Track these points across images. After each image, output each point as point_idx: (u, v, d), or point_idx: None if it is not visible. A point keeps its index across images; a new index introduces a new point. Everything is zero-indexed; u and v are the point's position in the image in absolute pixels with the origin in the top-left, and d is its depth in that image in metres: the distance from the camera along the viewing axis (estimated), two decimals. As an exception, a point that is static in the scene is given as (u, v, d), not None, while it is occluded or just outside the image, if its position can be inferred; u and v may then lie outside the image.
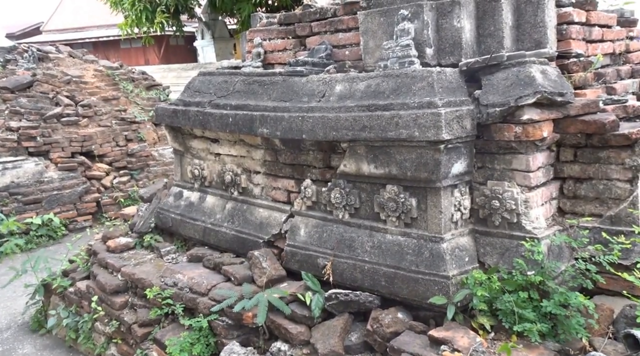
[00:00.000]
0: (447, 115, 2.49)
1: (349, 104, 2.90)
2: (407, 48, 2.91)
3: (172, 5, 14.08)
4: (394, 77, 2.83)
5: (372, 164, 2.84)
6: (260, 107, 3.38)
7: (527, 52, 2.74)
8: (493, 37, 2.97)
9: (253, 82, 3.60)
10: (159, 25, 14.50)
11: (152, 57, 26.29)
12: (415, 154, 2.63)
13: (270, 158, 3.50)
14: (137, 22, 14.78)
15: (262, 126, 3.31)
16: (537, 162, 2.62)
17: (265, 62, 3.99)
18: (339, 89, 3.06)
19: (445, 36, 2.98)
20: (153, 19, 14.38)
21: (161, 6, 14.16)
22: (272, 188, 3.55)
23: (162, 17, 14.25)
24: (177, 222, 4.04)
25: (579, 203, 2.73)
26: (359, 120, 2.79)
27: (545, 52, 2.78)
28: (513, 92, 2.55)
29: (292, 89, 3.32)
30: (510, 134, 2.55)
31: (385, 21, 3.13)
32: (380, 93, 2.83)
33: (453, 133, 2.51)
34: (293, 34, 3.79)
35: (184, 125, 3.90)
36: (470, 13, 2.97)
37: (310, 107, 3.09)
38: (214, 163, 3.93)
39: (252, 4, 12.76)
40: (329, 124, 2.93)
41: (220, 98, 3.73)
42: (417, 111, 2.57)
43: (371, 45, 3.24)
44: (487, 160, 2.72)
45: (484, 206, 2.71)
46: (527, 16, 2.97)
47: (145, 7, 14.22)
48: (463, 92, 2.72)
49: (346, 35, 3.46)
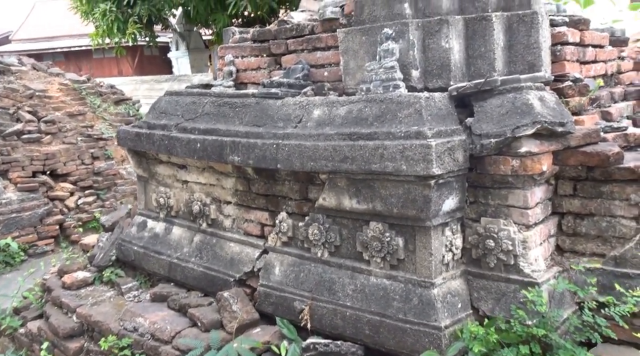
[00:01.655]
0: (438, 147, 2.23)
1: (328, 132, 2.63)
2: (391, 70, 2.66)
3: (145, 16, 13.68)
4: (377, 102, 2.57)
5: (354, 199, 2.57)
6: (231, 132, 3.08)
7: (522, 76, 2.52)
8: (484, 59, 2.74)
9: (224, 104, 3.30)
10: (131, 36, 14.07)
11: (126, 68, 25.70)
12: (402, 189, 2.36)
13: (242, 188, 3.20)
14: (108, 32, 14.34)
15: (233, 153, 3.01)
16: (535, 197, 2.38)
17: (237, 81, 3.70)
18: (318, 114, 2.78)
19: (433, 57, 2.74)
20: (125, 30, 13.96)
21: (133, 17, 13.75)
22: (244, 221, 3.24)
23: (134, 28, 13.82)
24: (140, 255, 3.69)
25: (580, 242, 2.49)
26: (340, 150, 2.51)
27: (541, 76, 2.56)
28: (509, 121, 2.32)
29: (266, 113, 3.04)
30: (507, 168, 2.30)
31: (368, 40, 2.88)
32: (363, 120, 2.57)
33: (444, 167, 2.26)
34: (267, 52, 3.52)
35: (148, 149, 3.57)
36: (459, 32, 2.74)
37: (286, 133, 2.80)
38: (181, 192, 3.60)
39: (227, 16, 12.46)
40: (306, 154, 2.65)
41: (188, 121, 3.42)
42: (404, 142, 2.31)
43: (352, 65, 2.98)
44: (480, 195, 2.47)
45: (477, 245, 2.45)
46: (519, 36, 2.76)
47: (116, 17, 13.78)
48: (453, 119, 2.48)
49: (325, 54, 3.20)
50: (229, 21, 12.91)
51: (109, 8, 13.43)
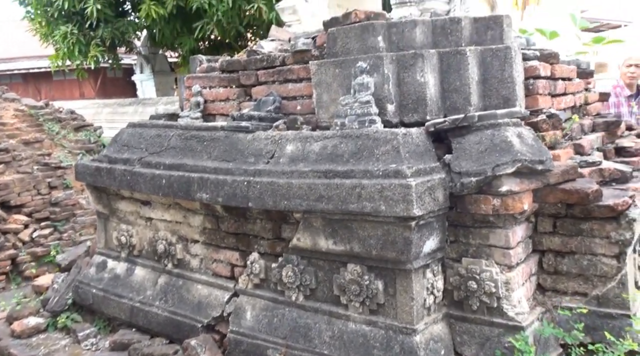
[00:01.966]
0: (418, 186, 2.14)
1: (302, 168, 2.51)
2: (367, 105, 2.58)
3: (108, 39, 13.38)
4: (353, 138, 2.48)
5: (330, 239, 2.44)
6: (199, 168, 2.93)
7: (499, 112, 2.48)
8: (459, 93, 2.70)
9: (191, 138, 3.14)
10: (93, 58, 13.72)
11: (88, 90, 25.05)
12: (382, 231, 2.26)
13: (211, 226, 3.03)
14: (69, 55, 13.94)
15: (200, 190, 2.85)
16: (517, 236, 2.32)
17: (205, 113, 3.55)
18: (291, 150, 2.67)
19: (408, 91, 2.68)
20: (87, 52, 13.60)
21: (96, 39, 13.42)
22: (212, 261, 3.06)
23: (96, 51, 13.48)
24: (99, 298, 3.44)
25: (561, 280, 2.44)
26: (315, 188, 2.40)
27: (517, 112, 2.53)
28: (489, 159, 2.26)
29: (236, 147, 2.90)
30: (488, 207, 2.23)
31: (341, 73, 2.80)
32: (339, 157, 2.46)
33: (425, 207, 2.17)
34: (237, 83, 3.40)
35: (108, 185, 3.36)
36: (434, 66, 2.70)
37: (258, 170, 2.67)
38: (144, 229, 3.40)
39: (193, 39, 12.32)
40: (279, 192, 2.52)
41: (153, 155, 3.24)
42: (382, 181, 2.21)
43: (325, 98, 2.89)
44: (460, 234, 2.39)
45: (459, 287, 2.36)
46: (493, 71, 2.73)
47: (78, 40, 13.43)
48: (431, 156, 2.40)
49: (297, 86, 3.10)
50: (195, 44, 12.77)
51: (70, 30, 13.09)
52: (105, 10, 12.02)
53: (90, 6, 11.66)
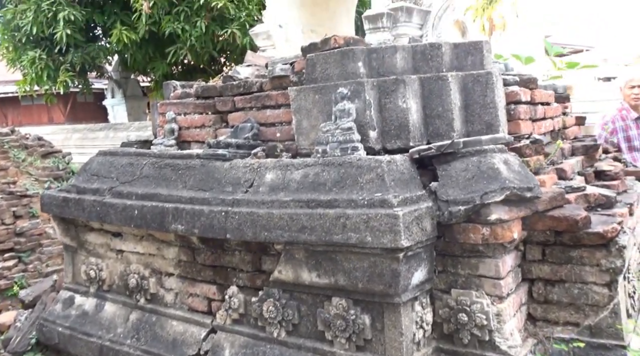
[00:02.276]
0: (406, 216, 2.06)
1: (283, 198, 2.41)
2: (349, 131, 2.50)
3: (77, 64, 13.12)
4: (335, 166, 2.39)
5: (314, 272, 2.33)
6: (173, 198, 2.79)
7: (484, 138, 2.44)
8: (441, 119, 2.65)
9: (165, 166, 3.01)
10: (63, 83, 13.41)
11: (57, 115, 24.48)
12: (368, 263, 2.16)
13: (186, 258, 2.88)
14: (37, 80, 13.61)
15: (175, 221, 2.71)
16: (507, 266, 2.25)
17: (180, 140, 3.43)
18: (270, 178, 2.56)
19: (390, 117, 2.63)
20: (56, 78, 13.30)
21: (65, 64, 13.15)
22: (188, 295, 2.90)
23: (66, 76, 13.19)
24: (65, 337, 3.22)
25: (552, 310, 2.37)
26: (297, 219, 2.29)
27: (501, 138, 2.49)
28: (476, 186, 2.20)
29: (212, 176, 2.78)
30: (477, 236, 2.16)
31: (321, 99, 2.73)
32: (321, 186, 2.37)
33: (413, 238, 2.08)
34: (213, 109, 3.29)
35: (77, 217, 3.19)
36: (415, 92, 2.65)
37: (236, 199, 2.55)
38: (115, 263, 3.22)
39: (166, 64, 12.18)
40: (259, 223, 2.40)
41: (124, 184, 3.09)
42: (368, 211, 2.12)
43: (305, 125, 2.81)
44: (449, 264, 2.31)
45: (449, 320, 2.27)
46: (475, 96, 2.70)
47: (47, 64, 13.14)
48: (417, 184, 2.33)
49: (275, 113, 3.02)
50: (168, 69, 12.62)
51: (39, 56, 12.81)
52: (75, 35, 11.81)
53: (59, 31, 11.45)
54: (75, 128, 16.93)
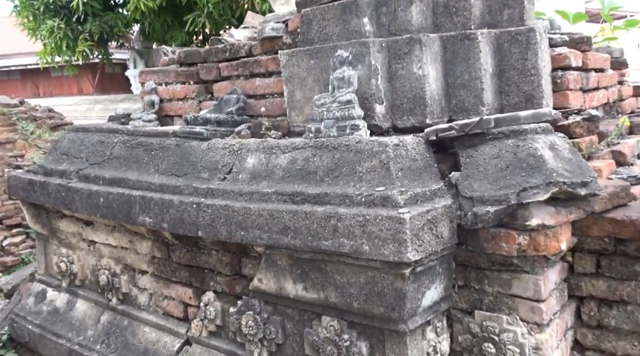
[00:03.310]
0: (415, 220, 1.54)
1: (264, 189, 1.92)
2: (348, 106, 1.98)
3: (96, 33, 12.76)
4: (330, 149, 1.88)
5: (299, 283, 1.85)
6: (142, 184, 2.34)
7: (522, 114, 1.87)
8: (468, 89, 2.09)
9: (137, 146, 2.56)
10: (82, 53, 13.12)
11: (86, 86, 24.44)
12: (365, 278, 1.67)
13: (161, 255, 2.45)
14: (56, 50, 13.37)
15: (143, 213, 2.27)
16: (550, 283, 1.72)
17: (161, 114, 2.96)
18: (252, 163, 2.08)
19: (402, 87, 2.08)
20: (75, 47, 13.02)
21: (84, 34, 12.81)
22: (163, 298, 2.48)
23: (84, 46, 12.87)
24: (35, 336, 2.87)
25: (608, 338, 1.83)
26: (278, 217, 1.81)
27: (546, 114, 1.92)
28: (512, 179, 1.65)
29: (187, 159, 2.31)
30: (512, 247, 1.63)
31: (317, 65, 2.20)
32: (311, 175, 1.87)
33: (424, 248, 1.57)
34: (196, 78, 2.80)
35: (43, 202, 2.79)
36: (435, 55, 2.09)
37: (210, 189, 2.08)
38: (87, 255, 2.82)
39: (185, 33, 11.69)
40: (235, 219, 1.93)
41: (93, 166, 2.66)
42: (366, 211, 1.62)
43: (298, 97, 2.29)
44: (472, 278, 1.79)
45: (471, 350, 1.77)
46: (512, 60, 2.12)
47: (65, 34, 12.83)
48: (433, 174, 1.80)
49: (265, 82, 2.50)
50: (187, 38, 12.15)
51: (57, 25, 12.49)
52: (92, 3, 11.41)
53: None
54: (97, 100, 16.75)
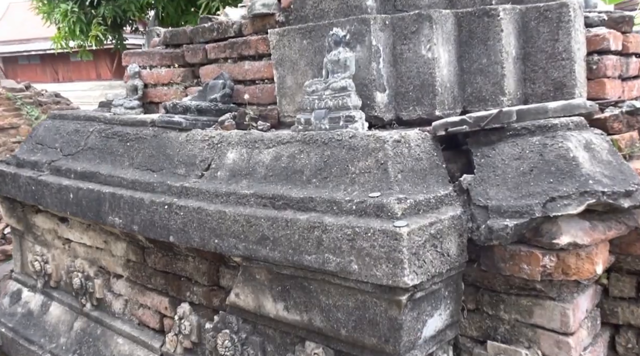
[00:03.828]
0: (414, 236, 1.25)
1: (242, 191, 1.64)
2: (342, 93, 1.68)
3: (109, 17, 12.56)
4: (319, 145, 1.60)
5: (280, 302, 1.58)
6: (114, 180, 2.09)
7: (551, 105, 1.56)
8: (486, 75, 1.78)
9: (112, 135, 2.30)
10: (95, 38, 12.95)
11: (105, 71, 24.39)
12: (354, 302, 1.38)
13: (136, 258, 2.20)
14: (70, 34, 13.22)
15: (113, 212, 2.01)
16: (580, 312, 1.41)
17: (146, 100, 2.69)
18: (233, 159, 1.80)
19: (409, 73, 1.77)
20: (88, 32, 12.85)
21: (97, 18, 12.62)
22: (138, 306, 2.24)
23: (97, 30, 12.68)
24: (8, 340, 2.66)
25: (647, 376, 1.53)
26: (256, 224, 1.53)
27: (579, 105, 1.60)
28: (537, 186, 1.35)
29: (164, 152, 2.05)
30: (535, 270, 1.33)
31: (311, 46, 1.90)
32: (296, 175, 1.59)
33: (425, 270, 1.28)
34: (181, 61, 2.52)
35: (14, 195, 2.56)
36: (448, 35, 1.78)
37: (185, 187, 1.81)
38: (62, 254, 2.59)
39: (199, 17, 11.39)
40: (208, 225, 1.66)
41: (67, 157, 2.42)
42: (356, 222, 1.33)
43: (289, 83, 2.00)
44: (485, 302, 1.50)
45: (481, 388, 1.48)
46: (540, 41, 1.80)
47: (78, 18, 12.65)
48: (440, 177, 1.50)
49: (255, 66, 2.21)
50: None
51: (71, 8, 12.30)
52: (104, -15, 11.18)
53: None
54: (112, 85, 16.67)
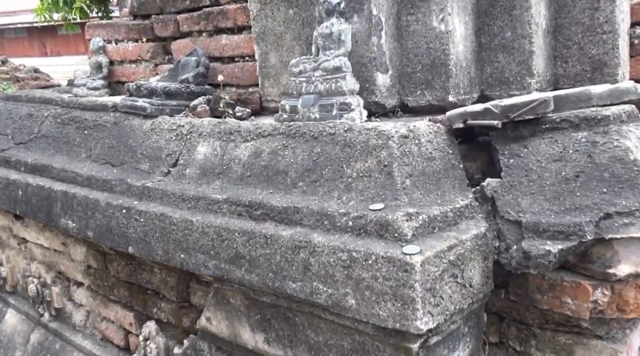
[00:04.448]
0: (429, 266, 0.96)
1: (214, 195, 1.34)
2: (336, 75, 1.36)
3: (93, -12, 12.00)
4: (307, 139, 1.29)
5: (259, 333, 1.29)
6: (67, 175, 1.77)
7: (594, 90, 1.25)
8: (510, 52, 1.47)
9: (69, 121, 1.98)
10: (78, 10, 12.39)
11: (94, 45, 23.67)
12: (351, 343, 1.10)
13: (97, 265, 1.91)
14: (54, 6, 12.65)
15: (66, 214, 1.71)
16: (633, 352, 1.14)
17: (112, 80, 2.35)
18: (204, 153, 1.49)
19: (416, 49, 1.46)
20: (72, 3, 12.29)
21: (81, -11, 12.06)
22: (101, 319, 1.95)
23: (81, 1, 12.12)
24: (-39, 351, 2.38)
25: None
26: (229, 239, 1.23)
27: (629, 90, 1.29)
28: (585, 197, 1.05)
29: (125, 142, 1.73)
30: (583, 306, 1.05)
31: (298, 16, 1.57)
32: (279, 176, 1.28)
33: (443, 309, 0.99)
34: (150, 34, 2.18)
35: (-39, 190, 2.24)
36: (464, 3, 1.46)
37: (147, 188, 1.51)
38: (18, 255, 2.29)
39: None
40: (173, 235, 1.36)
41: (19, 146, 2.10)
42: (353, 244, 1.03)
43: (273, 61, 1.67)
44: (512, 336, 1.22)
45: None
46: (575, 11, 1.49)
47: (62, -12, 12.09)
48: (457, 181, 1.20)
49: (234, 40, 1.88)
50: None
51: (53, -22, 11.78)
52: (86, -45, 10.62)
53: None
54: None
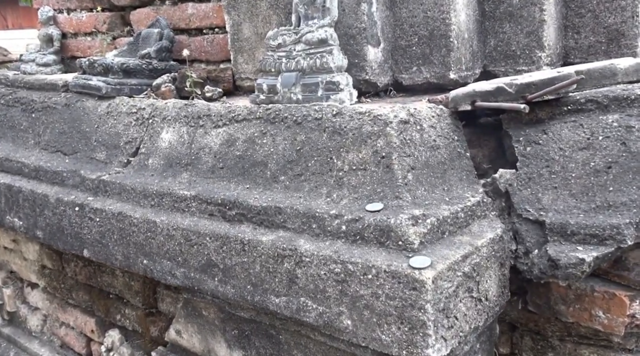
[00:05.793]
0: (442, 282, 0.79)
1: (181, 191, 1.14)
2: (321, 49, 1.16)
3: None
4: (289, 125, 1.10)
5: (237, 350, 1.12)
6: (12, 165, 1.55)
7: (620, 65, 1.09)
8: (517, 21, 1.29)
9: (14, 103, 1.74)
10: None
11: (58, 18, 22.65)
12: (345, 366, 0.93)
13: (52, 265, 1.70)
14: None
15: (11, 211, 1.49)
16: (662, 367, 1.01)
17: (66, 55, 2.09)
18: (169, 141, 1.28)
19: (412, 19, 1.27)
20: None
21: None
22: (60, 324, 1.75)
23: (39, -29, 11.42)
24: None
25: None
26: (200, 245, 1.05)
27: (655, 66, 1.13)
28: (620, 192, 0.90)
29: (78, 127, 1.51)
30: (617, 321, 0.90)
31: (275, -21, 1.36)
32: (257, 168, 1.09)
33: (457, 331, 0.83)
34: (106, 2, 1.92)
35: None
36: (467, -36, 1.27)
37: (103, 181, 1.30)
38: (-35, 254, 2.05)
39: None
40: (133, 238, 1.17)
41: (-42, 131, 1.84)
42: (348, 253, 0.86)
43: (247, 33, 1.46)
44: (527, 347, 1.07)
45: None
46: (589, -25, 1.32)
47: (16, -44, 11.36)
48: (465, 172, 1.04)
49: (201, 9, 1.65)
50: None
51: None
52: None
53: None
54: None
